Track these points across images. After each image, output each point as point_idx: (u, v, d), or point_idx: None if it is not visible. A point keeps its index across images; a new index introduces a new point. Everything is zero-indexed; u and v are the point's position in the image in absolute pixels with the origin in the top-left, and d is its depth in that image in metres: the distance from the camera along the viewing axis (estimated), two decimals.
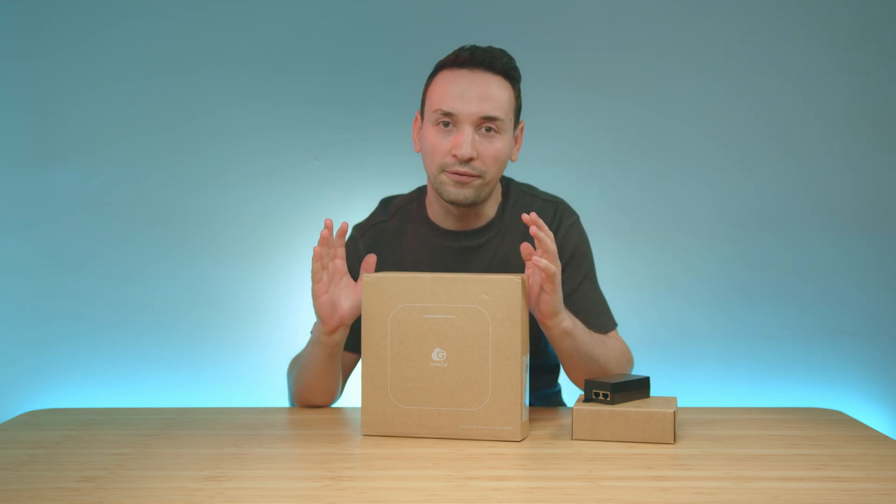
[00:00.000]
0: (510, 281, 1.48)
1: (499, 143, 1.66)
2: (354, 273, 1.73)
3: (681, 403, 1.71)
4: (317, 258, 1.58)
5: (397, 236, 1.79)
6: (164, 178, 2.57)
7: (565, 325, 1.59)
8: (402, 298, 1.51)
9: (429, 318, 1.50)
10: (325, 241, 1.58)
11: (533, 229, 1.50)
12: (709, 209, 2.62)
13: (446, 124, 1.66)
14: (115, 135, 2.55)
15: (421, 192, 1.82)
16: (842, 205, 2.60)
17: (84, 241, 2.56)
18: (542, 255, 1.51)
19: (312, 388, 1.72)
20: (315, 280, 1.59)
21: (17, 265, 2.54)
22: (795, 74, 2.59)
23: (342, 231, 1.60)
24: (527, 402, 1.52)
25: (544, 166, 2.41)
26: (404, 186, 1.88)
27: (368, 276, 1.52)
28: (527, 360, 1.52)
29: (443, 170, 1.66)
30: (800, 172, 2.60)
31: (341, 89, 2.59)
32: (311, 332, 1.73)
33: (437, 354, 1.50)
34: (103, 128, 2.55)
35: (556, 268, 1.52)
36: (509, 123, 1.68)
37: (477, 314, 1.49)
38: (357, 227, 1.83)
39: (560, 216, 1.78)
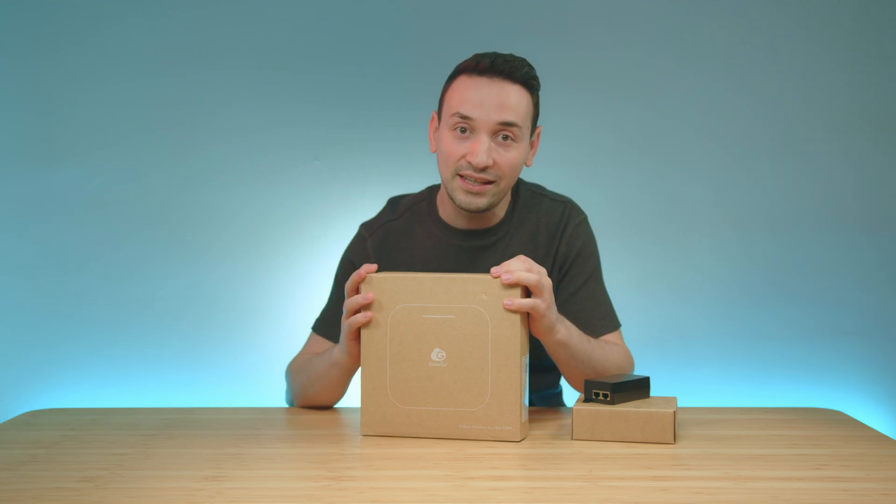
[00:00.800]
0: None
1: (514, 152, 1.66)
2: None
3: (681, 403, 1.71)
4: (356, 324, 1.54)
5: (406, 235, 1.79)
6: (164, 178, 2.57)
7: (560, 336, 1.58)
8: (401, 298, 1.51)
9: (428, 318, 1.50)
10: (357, 306, 1.53)
11: (505, 277, 1.48)
12: (709, 209, 2.61)
13: (463, 130, 1.65)
14: (115, 135, 2.55)
15: (431, 191, 1.82)
16: (842, 205, 2.60)
17: (84, 241, 2.56)
18: (531, 269, 1.50)
19: (322, 397, 1.74)
20: (351, 330, 1.56)
21: (17, 265, 2.54)
22: (795, 74, 2.59)
23: (371, 272, 1.56)
24: (526, 402, 1.52)
25: (545, 166, 2.40)
26: (404, 186, 1.88)
27: (368, 276, 1.52)
28: (526, 359, 1.52)
29: (456, 174, 1.66)
30: (800, 172, 2.60)
31: (341, 89, 2.59)
32: (329, 355, 1.69)
33: (437, 354, 1.50)
34: (103, 128, 2.55)
35: (547, 282, 1.52)
36: (526, 131, 1.68)
37: (476, 314, 1.49)
38: (365, 226, 1.82)
39: (568, 215, 1.78)
